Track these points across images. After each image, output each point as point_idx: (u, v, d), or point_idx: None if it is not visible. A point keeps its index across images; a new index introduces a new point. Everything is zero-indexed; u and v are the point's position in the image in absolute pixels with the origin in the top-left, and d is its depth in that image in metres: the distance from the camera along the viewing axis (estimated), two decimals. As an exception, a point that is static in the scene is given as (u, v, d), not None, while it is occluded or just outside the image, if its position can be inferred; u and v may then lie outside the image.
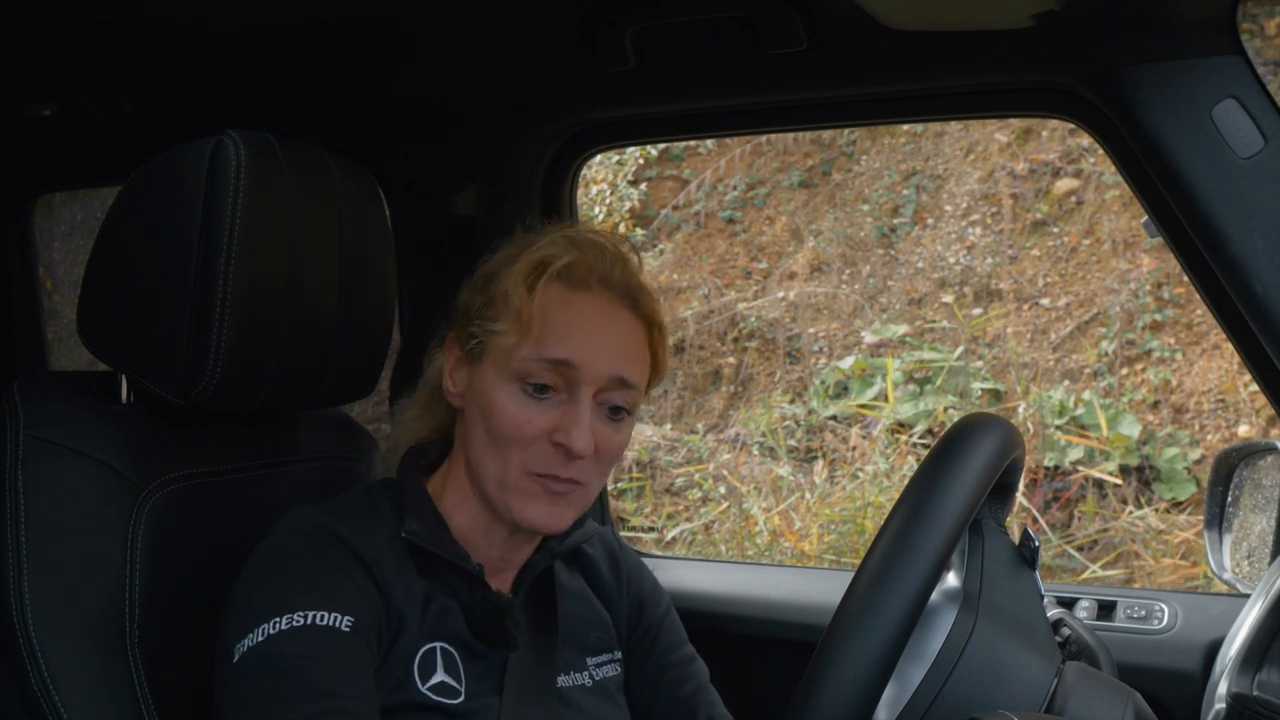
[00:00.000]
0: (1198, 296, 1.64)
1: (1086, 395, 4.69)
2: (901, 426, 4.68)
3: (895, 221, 5.73)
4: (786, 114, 1.55)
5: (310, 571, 1.03)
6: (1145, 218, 1.33)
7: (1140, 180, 1.29)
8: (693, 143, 6.26)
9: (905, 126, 5.77)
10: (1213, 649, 1.38)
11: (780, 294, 5.65)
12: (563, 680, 1.18)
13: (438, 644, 1.09)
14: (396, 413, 1.25)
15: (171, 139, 1.21)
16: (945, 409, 4.70)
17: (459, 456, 1.15)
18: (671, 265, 6.03)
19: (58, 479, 1.13)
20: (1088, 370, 4.88)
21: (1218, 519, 1.38)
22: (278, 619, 0.99)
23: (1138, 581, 3.94)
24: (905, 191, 5.80)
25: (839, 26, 1.33)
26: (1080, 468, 4.42)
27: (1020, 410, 4.57)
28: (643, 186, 6.28)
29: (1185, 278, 1.76)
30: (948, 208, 5.65)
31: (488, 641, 1.11)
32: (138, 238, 1.17)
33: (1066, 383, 4.84)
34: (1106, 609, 1.50)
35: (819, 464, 4.72)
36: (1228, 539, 1.38)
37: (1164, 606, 1.47)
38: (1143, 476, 4.41)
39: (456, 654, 1.10)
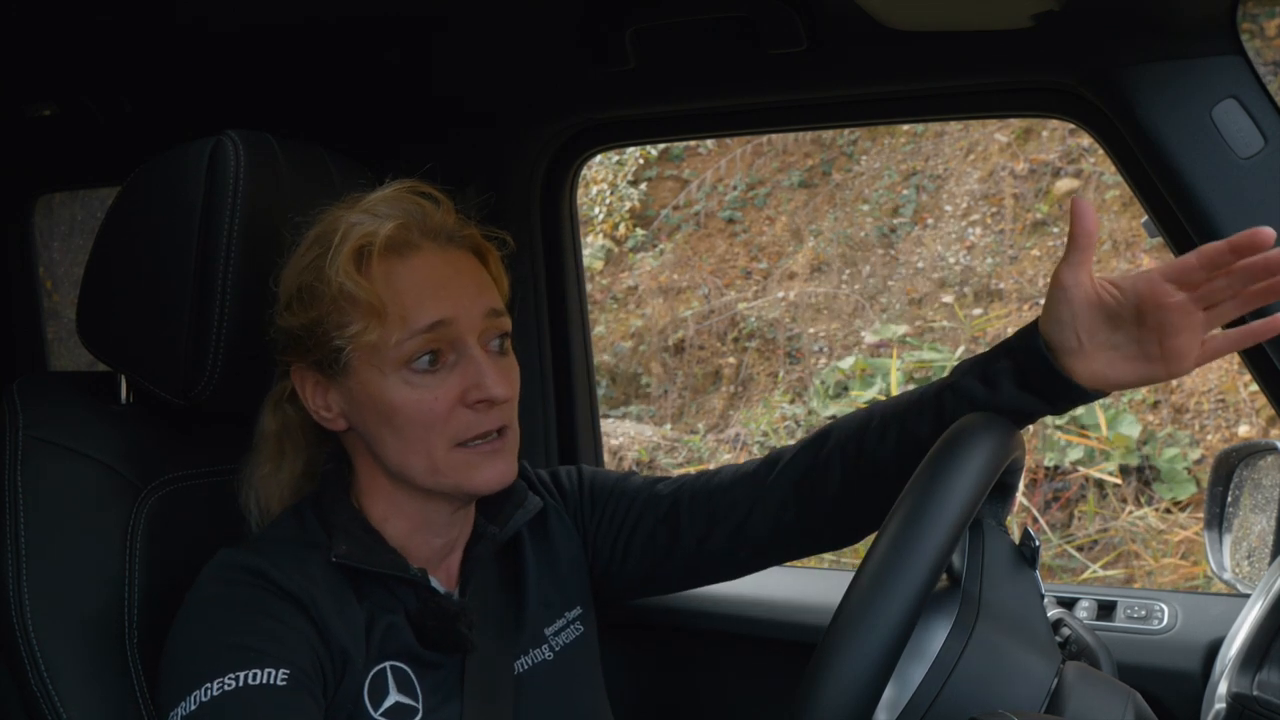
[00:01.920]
0: (1198, 296, 1.63)
1: (1086, 395, 4.68)
2: (902, 426, 4.67)
3: (895, 221, 5.73)
4: (786, 114, 1.55)
5: (238, 624, 0.99)
6: (1145, 218, 1.33)
7: (1140, 180, 1.29)
8: (693, 143, 6.26)
9: (905, 126, 5.77)
10: (1213, 649, 1.37)
11: (780, 294, 5.65)
12: (522, 663, 1.15)
13: (387, 664, 1.05)
14: (239, 471, 1.16)
15: (171, 139, 1.21)
16: (945, 409, 4.69)
17: (369, 470, 1.10)
18: (671, 265, 6.03)
19: (57, 479, 1.13)
20: (1088, 370, 4.86)
21: (1218, 519, 1.38)
22: (209, 684, 0.95)
23: (1138, 581, 3.94)
24: (905, 191, 5.80)
25: (839, 26, 1.33)
26: (1080, 468, 4.41)
27: (1020, 410, 4.56)
28: (643, 186, 6.28)
29: (1185, 278, 1.75)
30: (948, 208, 5.65)
31: (443, 649, 1.08)
32: (137, 238, 1.17)
33: (1066, 383, 4.83)
34: (1106, 609, 1.50)
35: (819, 464, 4.71)
36: (1228, 539, 1.38)
37: (1164, 606, 1.47)
38: (1143, 476, 4.40)
39: (409, 669, 1.06)
